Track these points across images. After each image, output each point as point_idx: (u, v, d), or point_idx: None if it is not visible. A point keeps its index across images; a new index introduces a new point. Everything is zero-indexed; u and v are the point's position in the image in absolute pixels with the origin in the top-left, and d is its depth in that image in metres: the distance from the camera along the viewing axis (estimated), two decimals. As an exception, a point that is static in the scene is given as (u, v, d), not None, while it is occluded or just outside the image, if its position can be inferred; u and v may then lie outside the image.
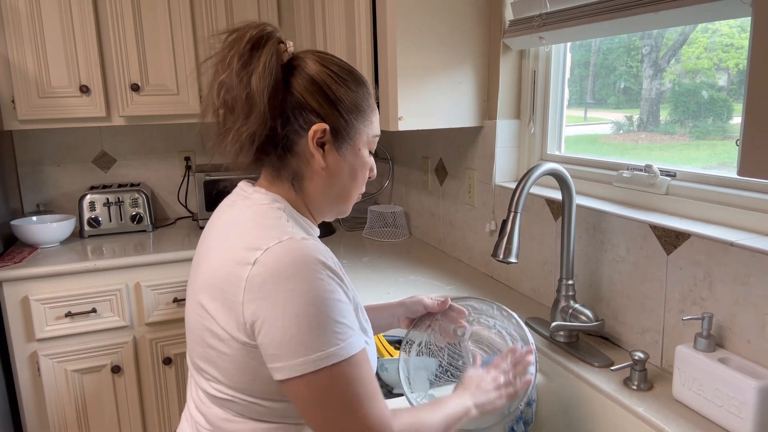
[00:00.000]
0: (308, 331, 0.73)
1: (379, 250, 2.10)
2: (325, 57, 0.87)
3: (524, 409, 1.23)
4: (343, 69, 0.87)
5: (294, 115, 0.83)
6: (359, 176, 0.91)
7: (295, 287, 0.73)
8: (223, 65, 0.82)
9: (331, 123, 0.84)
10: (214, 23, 2.29)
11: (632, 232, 1.19)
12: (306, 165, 0.86)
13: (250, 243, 0.77)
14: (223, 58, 0.82)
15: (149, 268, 2.05)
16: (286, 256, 0.75)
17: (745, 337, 0.98)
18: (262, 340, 0.75)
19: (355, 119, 0.87)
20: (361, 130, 0.88)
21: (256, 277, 0.74)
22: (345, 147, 0.87)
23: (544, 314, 1.43)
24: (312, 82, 0.84)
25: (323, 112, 0.84)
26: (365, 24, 1.66)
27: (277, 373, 0.75)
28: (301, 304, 0.73)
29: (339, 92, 0.85)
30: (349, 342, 0.75)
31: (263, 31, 0.81)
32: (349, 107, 0.86)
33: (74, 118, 2.16)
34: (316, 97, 0.84)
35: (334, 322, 0.74)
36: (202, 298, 0.82)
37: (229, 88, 0.81)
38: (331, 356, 0.73)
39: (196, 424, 0.87)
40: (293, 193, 0.88)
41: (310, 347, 0.73)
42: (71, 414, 2.03)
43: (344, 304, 0.77)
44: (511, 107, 1.66)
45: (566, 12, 1.33)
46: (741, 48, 1.11)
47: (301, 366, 0.73)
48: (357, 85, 0.88)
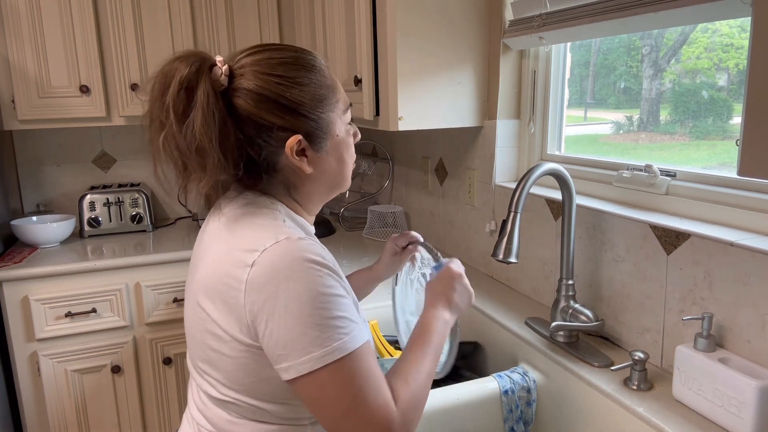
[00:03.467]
0: (311, 329, 0.73)
1: (379, 250, 2.10)
2: (263, 61, 0.80)
3: (524, 409, 1.23)
4: (287, 64, 0.80)
5: (263, 139, 0.79)
6: (346, 157, 0.89)
7: (295, 286, 0.73)
8: (161, 115, 0.75)
9: (302, 130, 0.81)
10: (214, 23, 2.29)
11: (632, 232, 1.19)
12: (294, 175, 0.85)
13: (248, 244, 0.77)
14: (158, 109, 0.76)
15: (149, 268, 2.06)
16: (284, 256, 0.74)
17: (745, 337, 0.98)
18: (266, 342, 0.75)
19: (321, 112, 0.83)
20: (332, 118, 0.85)
21: (255, 279, 0.74)
22: (324, 143, 0.85)
23: (544, 314, 1.43)
24: (262, 99, 0.78)
25: (289, 124, 0.80)
26: (365, 24, 1.66)
27: (284, 373, 0.74)
28: (303, 302, 0.73)
29: (294, 96, 0.79)
30: (353, 335, 0.75)
31: (192, 69, 0.74)
32: (311, 104, 0.81)
33: (74, 118, 2.16)
34: (274, 111, 0.79)
35: (336, 317, 0.74)
36: (202, 300, 0.81)
37: (175, 143, 0.76)
38: (336, 351, 0.73)
39: (198, 426, 0.87)
40: (290, 199, 0.88)
41: (314, 345, 0.73)
42: (71, 414, 2.03)
43: (344, 299, 0.77)
44: (511, 107, 1.66)
45: (566, 12, 1.33)
46: (741, 48, 1.11)
47: (307, 364, 0.73)
48: (308, 74, 0.81)
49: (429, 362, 0.86)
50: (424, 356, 0.86)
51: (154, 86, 0.76)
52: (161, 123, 0.76)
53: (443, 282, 0.99)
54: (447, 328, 0.94)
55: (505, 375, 1.23)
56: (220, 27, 2.30)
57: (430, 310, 0.95)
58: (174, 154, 0.77)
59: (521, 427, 1.23)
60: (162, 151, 0.77)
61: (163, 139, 0.76)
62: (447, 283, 0.99)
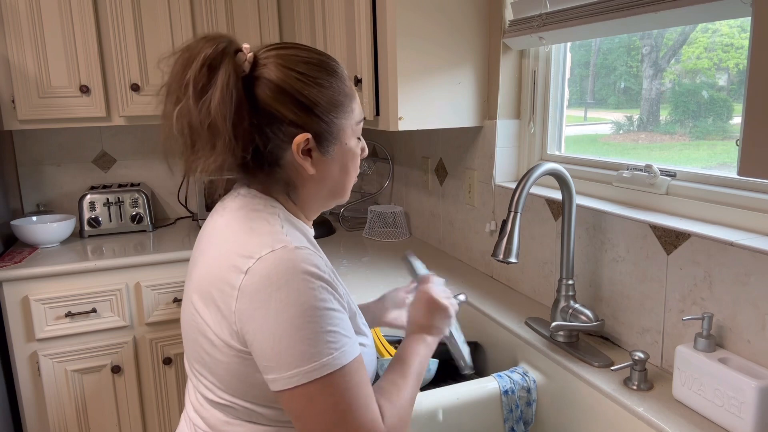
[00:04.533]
0: (300, 342, 0.71)
1: (379, 250, 2.10)
2: (287, 56, 0.81)
3: (524, 409, 1.23)
4: (311, 64, 0.81)
5: (272, 130, 0.79)
6: (351, 167, 0.89)
7: (286, 297, 0.72)
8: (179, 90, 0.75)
9: (312, 130, 0.81)
10: (214, 23, 2.29)
11: (632, 232, 1.19)
12: (296, 174, 0.84)
13: (244, 250, 0.76)
14: (178, 82, 0.76)
15: (149, 268, 2.06)
16: (278, 265, 0.73)
17: (745, 337, 0.98)
18: (255, 351, 0.74)
19: (335, 117, 0.83)
20: (344, 125, 0.84)
21: (248, 287, 0.73)
22: (332, 148, 0.84)
23: (544, 314, 1.43)
24: (281, 92, 0.78)
25: (301, 121, 0.80)
26: (365, 24, 1.66)
27: (271, 384, 0.74)
28: (293, 314, 0.71)
29: (312, 95, 0.80)
30: (343, 351, 0.74)
31: (217, 48, 0.75)
32: (327, 107, 0.81)
33: (74, 118, 2.16)
34: (289, 106, 0.79)
35: (327, 331, 0.73)
36: (196, 300, 0.81)
37: (189, 118, 0.75)
38: (324, 367, 0.72)
39: (195, 426, 0.87)
40: (288, 199, 0.87)
41: (302, 359, 0.71)
42: (71, 414, 2.03)
43: (337, 312, 0.75)
44: (511, 107, 1.66)
45: (566, 12, 1.33)
46: (741, 48, 1.11)
47: (294, 378, 0.72)
48: (329, 77, 0.82)
49: (412, 385, 0.86)
50: (406, 378, 0.86)
51: (178, 61, 0.76)
52: (178, 98, 0.76)
53: (419, 309, 1.00)
54: (430, 351, 0.95)
55: (505, 375, 1.23)
56: (221, 27, 2.30)
57: (411, 336, 0.96)
58: (185, 129, 0.76)
59: (521, 427, 1.23)
60: (174, 125, 0.77)
61: (178, 112, 0.76)
62: (423, 309, 0.99)
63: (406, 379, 0.86)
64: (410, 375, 0.87)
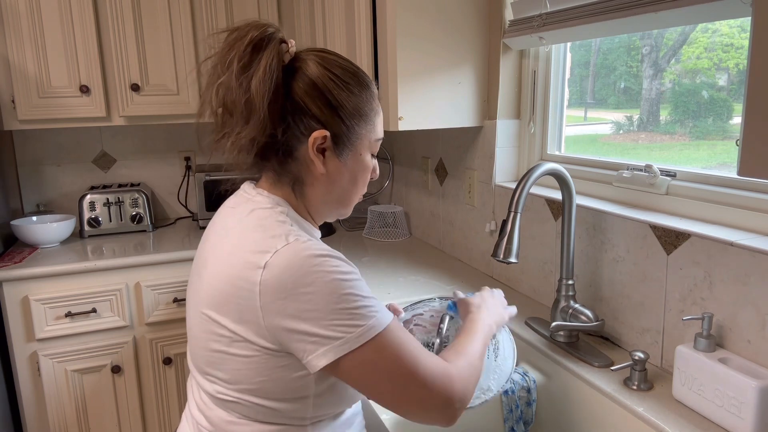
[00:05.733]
0: (342, 315, 0.74)
1: (379, 250, 2.10)
2: (327, 58, 0.85)
3: (524, 409, 1.23)
4: (347, 71, 0.85)
5: (294, 120, 0.82)
6: (360, 180, 0.91)
7: (315, 280, 0.74)
8: (222, 66, 0.80)
9: (332, 129, 0.83)
10: (214, 23, 2.29)
11: (632, 232, 1.19)
12: (306, 170, 0.86)
13: (257, 246, 0.77)
14: (222, 59, 0.80)
15: (149, 268, 2.05)
16: (297, 254, 0.75)
17: (745, 337, 0.98)
18: (297, 339, 0.75)
19: (356, 124, 0.86)
20: (363, 135, 0.87)
21: (269, 280, 0.74)
22: (346, 153, 0.86)
23: (544, 314, 1.43)
24: (313, 87, 0.82)
25: (324, 118, 0.83)
26: (365, 24, 1.66)
27: (322, 358, 0.75)
28: (326, 293, 0.74)
29: (341, 97, 0.83)
30: (382, 313, 0.77)
31: (265, 32, 0.80)
32: (351, 112, 0.85)
33: (74, 118, 2.16)
34: (317, 102, 0.82)
35: (362, 297, 0.76)
36: (208, 303, 0.81)
37: (228, 91, 0.80)
38: (371, 329, 0.75)
39: (198, 425, 0.87)
40: (294, 197, 0.87)
41: (349, 327, 0.74)
42: (71, 414, 2.03)
43: (363, 282, 0.79)
44: (511, 107, 1.66)
45: (566, 12, 1.33)
46: (741, 48, 1.11)
47: (346, 345, 0.74)
48: (360, 88, 0.86)
49: (479, 345, 0.91)
50: (473, 342, 0.91)
51: (227, 39, 0.81)
52: (219, 75, 0.80)
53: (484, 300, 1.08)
54: (490, 333, 1.00)
55: (505, 375, 1.23)
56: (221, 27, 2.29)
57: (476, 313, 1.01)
58: (226, 100, 0.81)
59: (521, 427, 1.23)
60: (213, 99, 0.82)
61: (218, 85, 0.80)
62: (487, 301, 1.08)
63: (469, 336, 0.92)
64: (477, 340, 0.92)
